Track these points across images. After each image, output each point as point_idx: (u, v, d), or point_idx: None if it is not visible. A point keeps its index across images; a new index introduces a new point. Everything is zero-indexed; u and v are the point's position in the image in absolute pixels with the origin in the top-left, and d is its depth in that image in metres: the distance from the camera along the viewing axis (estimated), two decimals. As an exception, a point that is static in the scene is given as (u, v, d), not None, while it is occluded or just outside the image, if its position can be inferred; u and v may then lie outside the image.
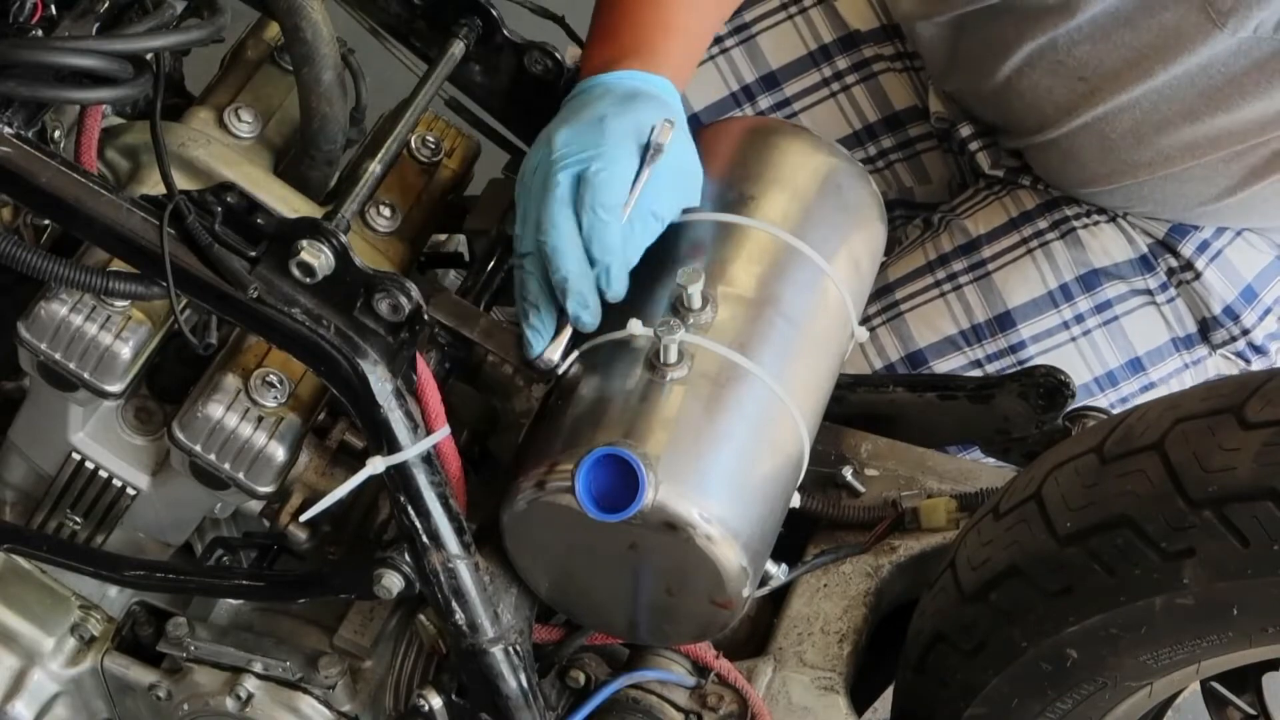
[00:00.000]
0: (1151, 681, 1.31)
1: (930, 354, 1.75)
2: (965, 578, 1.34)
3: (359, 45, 1.55)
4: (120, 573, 1.44)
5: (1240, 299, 1.69)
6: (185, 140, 1.43)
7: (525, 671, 1.36)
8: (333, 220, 1.37)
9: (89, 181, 1.25)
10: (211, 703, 1.48)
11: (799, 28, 1.85)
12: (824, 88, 1.85)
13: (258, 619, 1.51)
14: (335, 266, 1.24)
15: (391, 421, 1.28)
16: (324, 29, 1.41)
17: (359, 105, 1.56)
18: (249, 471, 1.36)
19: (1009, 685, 1.34)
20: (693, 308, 1.32)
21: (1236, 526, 1.17)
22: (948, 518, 1.51)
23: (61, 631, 1.53)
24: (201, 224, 1.24)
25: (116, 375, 1.36)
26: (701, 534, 1.25)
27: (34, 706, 1.54)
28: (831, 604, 1.50)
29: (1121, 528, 1.21)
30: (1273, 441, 1.16)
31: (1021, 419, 1.57)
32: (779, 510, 1.35)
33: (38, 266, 1.25)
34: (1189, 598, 1.20)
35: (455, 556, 1.31)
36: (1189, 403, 1.23)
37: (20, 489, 1.53)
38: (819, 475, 1.56)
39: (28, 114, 1.27)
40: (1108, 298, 1.71)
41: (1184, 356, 1.72)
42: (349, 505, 1.43)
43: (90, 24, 1.30)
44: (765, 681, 1.46)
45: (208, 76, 1.54)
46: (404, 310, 1.25)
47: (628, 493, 1.23)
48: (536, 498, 1.27)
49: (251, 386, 1.35)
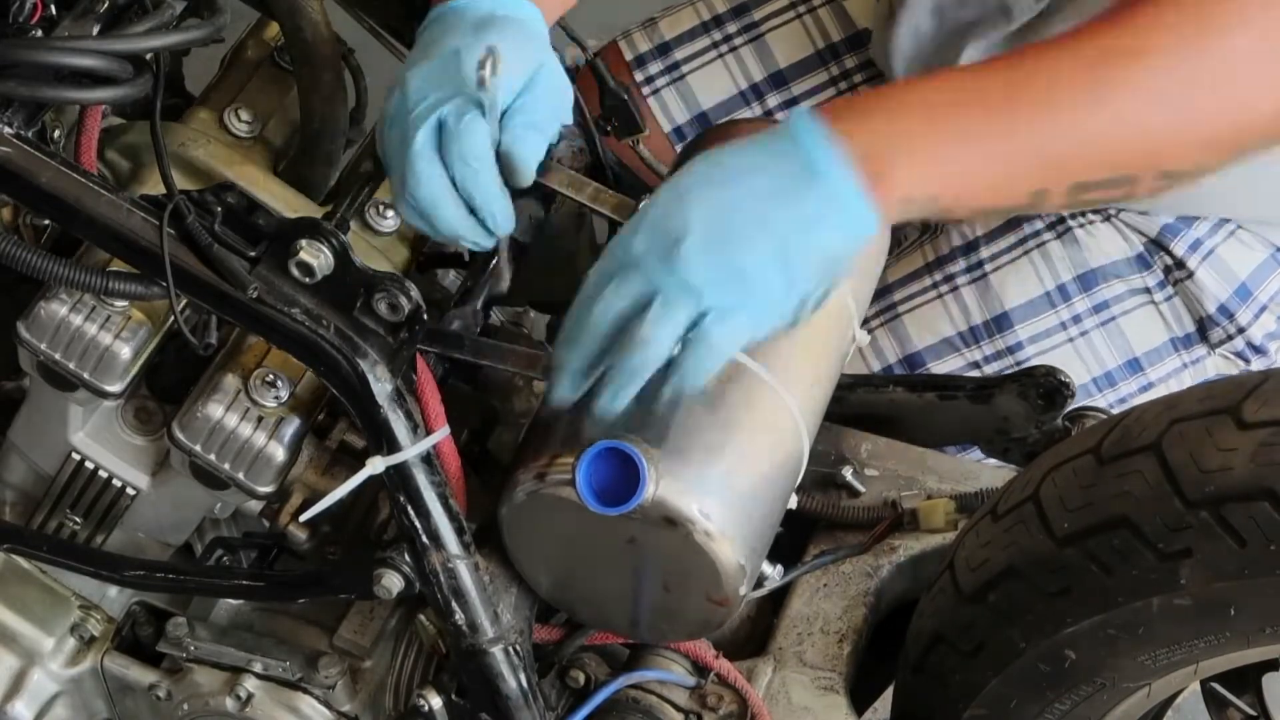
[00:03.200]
0: (1150, 682, 1.31)
1: (928, 356, 1.75)
2: (964, 579, 1.34)
3: (359, 45, 1.56)
4: (120, 573, 1.44)
5: (1235, 297, 1.69)
6: (185, 140, 1.43)
7: (525, 671, 1.36)
8: (332, 220, 1.37)
9: (89, 181, 1.25)
10: (211, 703, 1.48)
11: (807, 26, 1.85)
12: (831, 87, 1.85)
13: (258, 619, 1.51)
14: (335, 266, 1.24)
15: (391, 421, 1.28)
16: (324, 29, 1.41)
17: (359, 105, 1.56)
18: (249, 471, 1.36)
19: (1008, 686, 1.34)
20: None
21: (1234, 527, 1.16)
22: (946, 519, 1.51)
23: (61, 631, 1.53)
24: (201, 224, 1.24)
25: (116, 375, 1.36)
26: (700, 530, 1.25)
27: (34, 706, 1.54)
28: (831, 604, 1.50)
29: (1119, 528, 1.21)
30: (1269, 442, 1.16)
31: (1021, 419, 1.57)
32: (777, 510, 1.35)
33: (37, 266, 1.25)
34: (1186, 598, 1.20)
35: (455, 556, 1.31)
36: (1186, 403, 1.23)
37: (20, 489, 1.53)
38: (819, 475, 1.56)
39: (28, 114, 1.27)
40: (1105, 298, 1.71)
41: (1183, 356, 1.72)
42: (349, 505, 1.43)
43: (90, 24, 1.30)
44: (765, 681, 1.46)
45: (208, 76, 1.54)
46: (404, 310, 1.25)
47: (628, 486, 1.23)
48: (536, 489, 1.27)
49: (251, 386, 1.36)
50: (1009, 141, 1.17)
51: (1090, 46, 1.17)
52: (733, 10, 1.87)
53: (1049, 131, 1.17)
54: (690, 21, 1.88)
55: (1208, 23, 1.16)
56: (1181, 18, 1.16)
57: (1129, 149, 1.19)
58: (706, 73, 1.85)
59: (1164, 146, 1.20)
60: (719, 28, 1.86)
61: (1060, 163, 1.19)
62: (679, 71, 1.86)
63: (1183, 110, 1.17)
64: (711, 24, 1.87)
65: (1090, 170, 1.20)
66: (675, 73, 1.86)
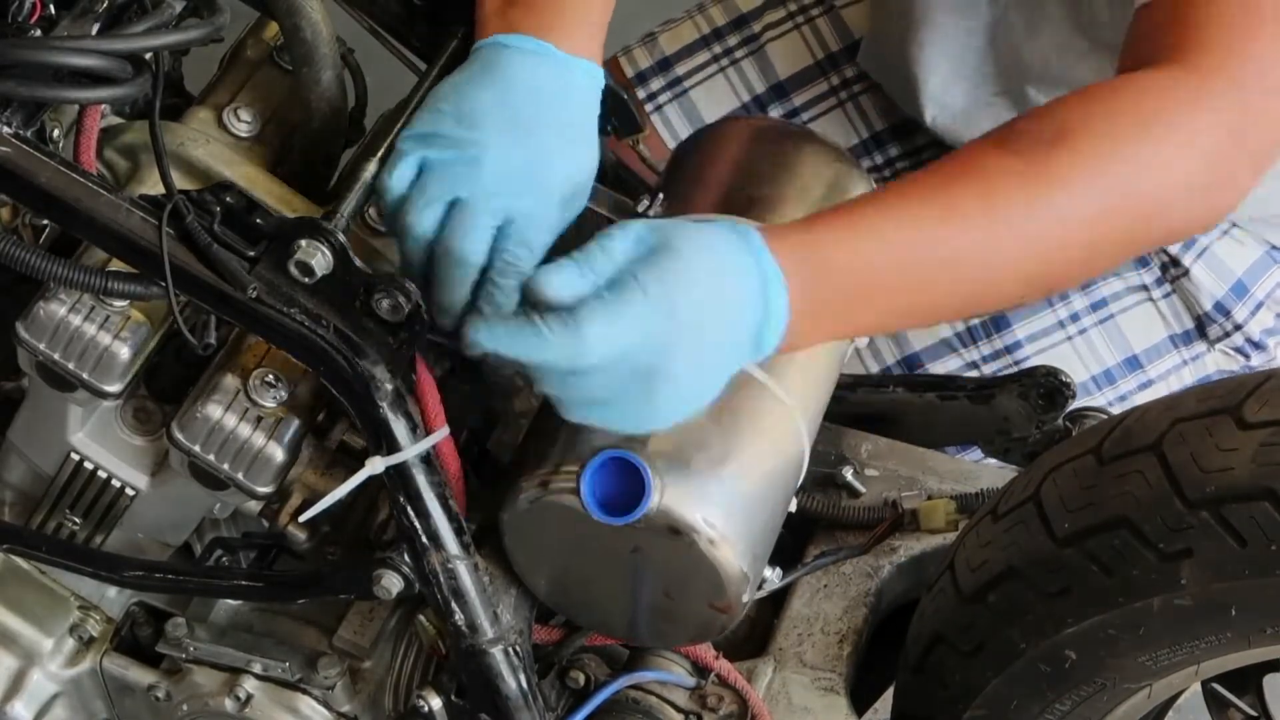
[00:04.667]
0: (1150, 682, 1.31)
1: (926, 357, 1.75)
2: (964, 579, 1.34)
3: (359, 45, 1.55)
4: (119, 573, 1.44)
5: (1231, 294, 1.69)
6: (184, 140, 1.43)
7: (525, 672, 1.36)
8: (331, 220, 1.36)
9: (88, 181, 1.25)
10: (211, 703, 1.48)
11: (806, 37, 1.85)
12: (832, 96, 1.85)
13: (257, 619, 1.51)
14: (334, 266, 1.24)
15: (391, 422, 1.28)
16: (324, 29, 1.41)
17: (359, 105, 1.56)
18: (248, 472, 1.36)
19: (1008, 686, 1.34)
20: None
21: (1234, 527, 1.17)
22: (946, 520, 1.51)
23: (60, 632, 1.53)
24: (200, 224, 1.24)
25: (115, 375, 1.36)
26: (705, 538, 1.25)
27: (33, 707, 1.54)
28: (832, 604, 1.50)
29: (1119, 529, 1.21)
30: (1270, 442, 1.16)
31: (1022, 419, 1.57)
32: (779, 514, 1.35)
33: (36, 266, 1.25)
34: (1187, 598, 1.20)
35: (455, 557, 1.31)
36: (1187, 403, 1.23)
37: (19, 489, 1.53)
38: (819, 476, 1.56)
39: (27, 114, 1.27)
40: (1103, 296, 1.71)
41: (1182, 353, 1.72)
42: (348, 505, 1.43)
43: (89, 24, 1.29)
44: (765, 682, 1.46)
45: (208, 76, 1.54)
46: (403, 310, 1.25)
47: (632, 496, 1.23)
48: (539, 498, 1.27)
49: (251, 387, 1.35)
50: (913, 300, 1.25)
51: (1014, 193, 1.22)
52: (732, 23, 1.87)
53: (953, 289, 1.24)
54: (690, 35, 1.88)
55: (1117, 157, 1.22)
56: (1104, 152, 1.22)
57: (1030, 293, 1.31)
58: (708, 87, 1.86)
59: (1059, 284, 1.39)
60: (719, 41, 1.87)
61: (959, 311, 1.37)
62: (681, 87, 1.86)
63: (1096, 249, 1.25)
64: (711, 37, 1.87)
65: (984, 309, 1.43)
66: (678, 88, 1.86)
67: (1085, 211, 1.21)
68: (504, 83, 1.31)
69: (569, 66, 1.34)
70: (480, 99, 1.30)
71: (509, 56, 1.33)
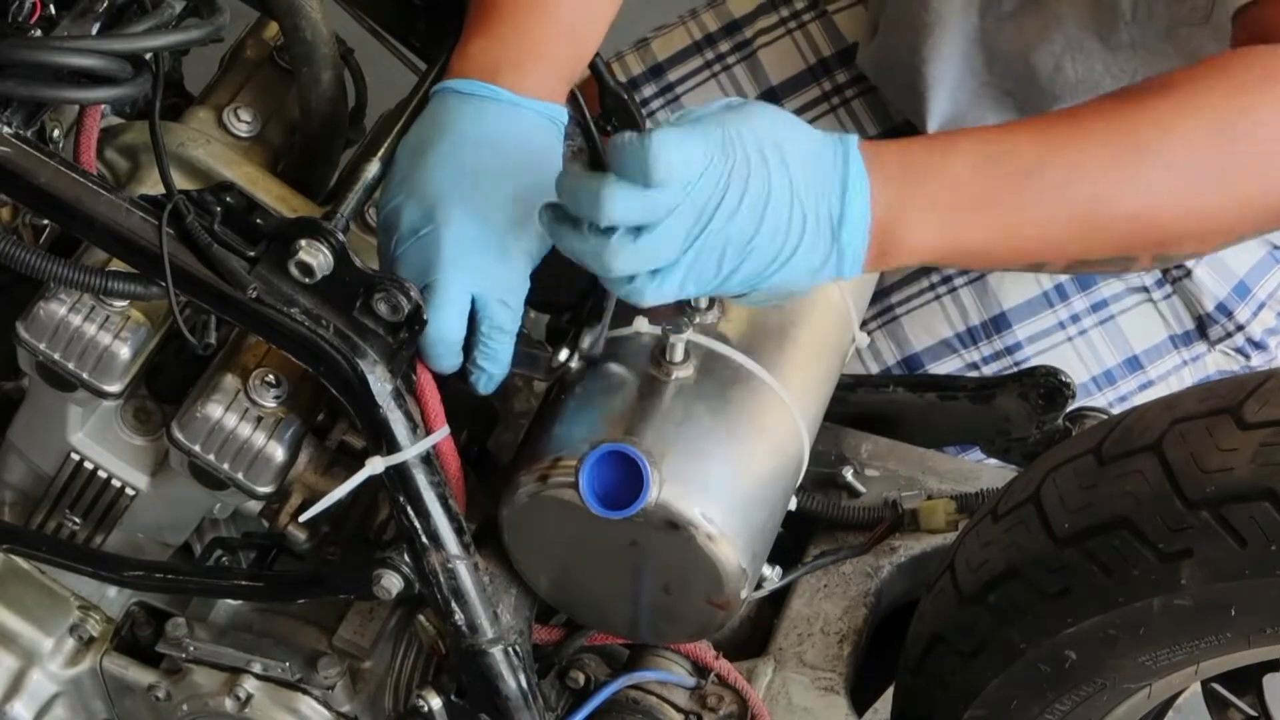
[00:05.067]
0: (1150, 683, 1.31)
1: (926, 357, 1.75)
2: (964, 579, 1.34)
3: (359, 45, 1.55)
4: (119, 573, 1.44)
5: (1233, 295, 1.69)
6: (184, 140, 1.43)
7: (525, 672, 1.36)
8: (331, 220, 1.37)
9: (88, 181, 1.25)
10: (211, 703, 1.48)
11: (798, 42, 1.85)
12: (824, 102, 1.85)
13: (257, 619, 1.51)
14: (334, 266, 1.24)
15: (391, 422, 1.28)
16: (324, 29, 1.41)
17: (359, 105, 1.56)
18: (248, 472, 1.36)
19: (1008, 686, 1.34)
20: (699, 307, 1.33)
21: (1234, 527, 1.16)
22: (946, 520, 1.51)
23: (60, 632, 1.53)
24: (200, 224, 1.24)
25: (115, 375, 1.36)
26: (703, 533, 1.25)
27: (33, 707, 1.54)
28: (832, 604, 1.50)
29: (1119, 529, 1.21)
30: (1270, 442, 1.16)
31: (1022, 419, 1.57)
32: (778, 512, 1.35)
33: (36, 266, 1.25)
34: (1187, 599, 1.20)
35: (455, 557, 1.31)
36: (1187, 403, 1.23)
37: (19, 489, 1.53)
38: (819, 475, 1.56)
39: (27, 114, 1.27)
40: (1103, 297, 1.71)
41: (1182, 354, 1.72)
42: (348, 505, 1.43)
43: (89, 24, 1.29)
44: (765, 682, 1.46)
45: (208, 76, 1.54)
46: (403, 310, 1.25)
47: (631, 490, 1.23)
48: (538, 491, 1.27)
49: (251, 387, 1.35)
50: (1019, 219, 1.22)
51: (1119, 129, 1.21)
52: (724, 28, 1.87)
53: (1064, 214, 1.22)
54: (682, 41, 1.88)
55: (1237, 116, 1.21)
56: (1215, 101, 1.21)
57: (1138, 235, 1.25)
58: (700, 93, 1.86)
59: (1170, 235, 1.25)
60: (711, 47, 1.87)
61: (1065, 243, 1.24)
62: (673, 93, 1.86)
63: (1203, 198, 1.23)
64: (704, 43, 1.87)
65: (1094, 250, 1.25)
66: (669, 94, 1.86)
67: (1196, 157, 1.21)
68: (453, 137, 1.31)
69: (518, 109, 1.34)
70: (431, 164, 1.30)
71: (457, 105, 1.33)
